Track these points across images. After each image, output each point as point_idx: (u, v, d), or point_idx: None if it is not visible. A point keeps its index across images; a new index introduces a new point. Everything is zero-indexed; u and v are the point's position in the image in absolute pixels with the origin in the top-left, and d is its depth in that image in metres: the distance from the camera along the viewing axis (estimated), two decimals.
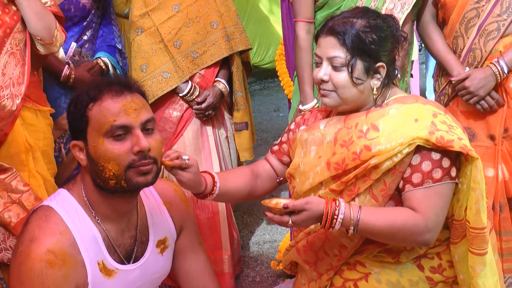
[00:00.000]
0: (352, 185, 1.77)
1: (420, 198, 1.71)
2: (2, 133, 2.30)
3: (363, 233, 1.72)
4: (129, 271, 1.74)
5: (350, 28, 1.77)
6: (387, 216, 1.70)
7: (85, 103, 1.63)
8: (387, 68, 1.81)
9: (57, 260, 1.57)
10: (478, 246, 1.73)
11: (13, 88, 2.31)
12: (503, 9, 2.43)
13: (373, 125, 1.76)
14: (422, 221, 1.69)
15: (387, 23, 1.83)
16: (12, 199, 2.32)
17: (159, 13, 2.92)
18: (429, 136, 1.66)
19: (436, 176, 1.70)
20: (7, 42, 2.30)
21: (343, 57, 1.78)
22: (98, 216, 1.70)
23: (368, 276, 1.87)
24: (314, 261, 1.93)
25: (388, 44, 1.81)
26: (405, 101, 1.81)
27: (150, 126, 1.66)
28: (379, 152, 1.71)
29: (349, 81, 1.79)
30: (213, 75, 3.04)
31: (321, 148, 1.87)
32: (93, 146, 1.62)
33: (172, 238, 1.88)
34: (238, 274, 3.30)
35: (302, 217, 1.65)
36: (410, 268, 1.84)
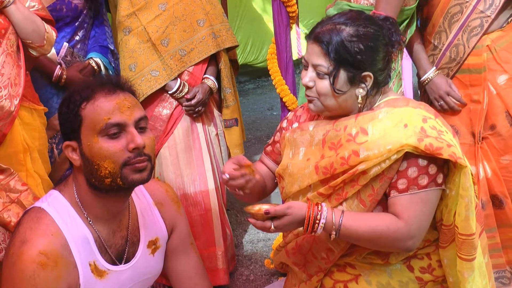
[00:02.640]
0: (340, 190, 1.77)
1: (404, 204, 1.70)
2: (0, 134, 2.31)
3: (345, 238, 1.72)
4: (121, 271, 1.75)
5: (336, 36, 1.73)
6: (369, 222, 1.70)
7: (78, 103, 1.63)
8: (376, 76, 1.77)
9: (49, 262, 1.57)
10: (467, 252, 1.73)
11: (11, 88, 2.32)
12: (487, 5, 2.43)
13: (362, 128, 1.75)
14: (404, 228, 1.69)
15: (380, 30, 1.77)
16: (11, 198, 2.32)
17: (146, 13, 2.93)
18: (418, 143, 1.65)
19: (422, 183, 1.70)
20: (3, 43, 2.30)
21: (326, 67, 1.75)
22: (90, 217, 1.70)
23: (358, 277, 1.87)
24: (303, 263, 1.93)
25: (379, 53, 1.77)
26: (396, 105, 1.79)
27: (143, 124, 1.67)
28: (367, 157, 1.69)
29: (331, 91, 1.76)
30: (201, 72, 3.05)
31: (309, 149, 1.86)
32: (88, 145, 1.62)
33: (163, 238, 1.88)
34: (232, 272, 3.31)
35: (284, 221, 1.65)
36: (400, 269, 1.85)
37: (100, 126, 1.60)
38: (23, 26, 2.34)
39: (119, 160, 1.60)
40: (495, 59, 2.47)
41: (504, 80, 2.47)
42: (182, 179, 3.02)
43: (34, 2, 2.44)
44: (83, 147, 1.63)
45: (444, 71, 2.58)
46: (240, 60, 3.50)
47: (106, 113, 1.61)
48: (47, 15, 2.48)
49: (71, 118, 1.64)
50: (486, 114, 2.50)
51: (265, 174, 2.09)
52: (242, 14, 8.13)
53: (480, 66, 2.49)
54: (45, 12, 2.47)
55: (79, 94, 1.65)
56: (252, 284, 3.23)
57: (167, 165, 3.01)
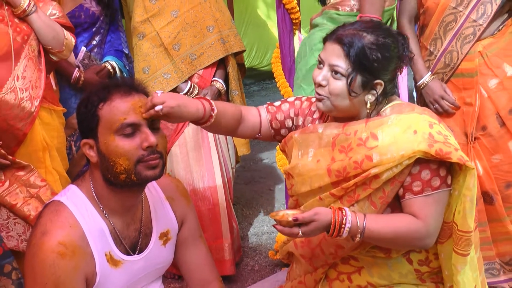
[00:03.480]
0: (352, 192, 1.75)
1: (420, 205, 1.69)
2: (21, 133, 2.32)
3: (368, 239, 1.70)
4: (134, 261, 1.75)
5: (358, 41, 1.70)
6: (391, 223, 1.69)
7: (96, 103, 1.63)
8: (385, 86, 1.76)
9: (68, 252, 1.58)
10: (463, 247, 1.73)
11: (32, 90, 2.33)
12: (479, 15, 2.43)
13: (372, 133, 1.73)
14: (423, 227, 1.68)
15: (396, 43, 1.75)
16: (30, 193, 2.34)
17: (159, 19, 2.94)
18: (429, 149, 1.63)
19: (435, 184, 1.69)
20: (25, 47, 2.31)
21: (344, 68, 1.72)
22: (106, 210, 1.70)
23: (361, 270, 1.87)
24: (310, 257, 1.92)
25: (392, 64, 1.75)
26: (402, 111, 1.76)
27: (156, 125, 1.67)
28: (380, 162, 1.68)
29: (345, 92, 1.73)
30: (210, 75, 3.05)
31: (319, 151, 1.83)
32: (104, 143, 1.62)
33: (174, 230, 1.88)
34: (238, 263, 3.30)
35: (311, 227, 1.62)
36: (400, 261, 1.84)
37: (116, 125, 1.60)
38: (44, 33, 2.35)
39: (133, 157, 1.60)
40: (487, 64, 2.47)
41: (494, 84, 2.47)
42: (191, 175, 3.02)
43: (55, 10, 2.45)
44: (100, 145, 1.63)
45: (439, 76, 2.58)
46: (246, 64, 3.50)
47: (122, 113, 1.61)
48: (67, 22, 2.49)
49: (89, 117, 1.64)
50: (478, 115, 2.50)
51: (251, 123, 1.96)
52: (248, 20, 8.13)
53: (473, 71, 2.49)
54: (65, 19, 2.49)
55: (97, 95, 1.65)
56: (257, 274, 3.23)
57: (177, 162, 3.01)
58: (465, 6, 2.45)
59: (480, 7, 2.43)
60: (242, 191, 4.53)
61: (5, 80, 2.26)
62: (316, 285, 1.97)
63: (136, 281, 1.78)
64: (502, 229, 2.55)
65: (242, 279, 3.19)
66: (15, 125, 2.30)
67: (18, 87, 2.29)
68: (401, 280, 1.86)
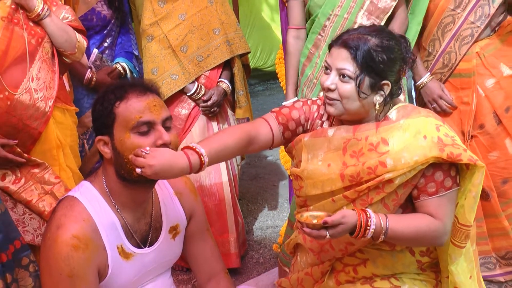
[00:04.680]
0: (365, 195, 1.74)
1: (436, 205, 1.70)
2: (36, 132, 2.32)
3: (390, 239, 1.70)
4: (145, 254, 1.75)
5: (363, 44, 1.70)
6: (412, 223, 1.69)
7: (112, 102, 1.64)
8: (392, 87, 1.75)
9: (81, 245, 1.59)
10: (460, 240, 1.74)
11: (46, 91, 2.33)
12: (477, 17, 2.43)
13: (383, 139, 1.72)
14: (442, 226, 1.69)
15: (399, 45, 1.75)
16: (45, 190, 2.34)
17: (167, 22, 2.94)
18: (440, 153, 1.64)
19: (447, 185, 1.70)
20: (39, 50, 2.31)
21: (352, 71, 1.71)
22: (118, 205, 1.71)
23: (366, 262, 1.87)
24: (319, 252, 1.91)
25: (396, 66, 1.75)
26: (409, 114, 1.76)
27: (168, 124, 1.67)
28: (394, 168, 1.67)
29: (355, 94, 1.72)
30: (216, 76, 3.05)
31: (328, 155, 1.81)
32: (120, 140, 1.62)
33: (182, 225, 1.89)
34: (243, 256, 3.30)
35: (339, 230, 1.62)
36: (403, 253, 1.84)
37: (132, 123, 1.61)
38: (57, 36, 2.35)
39: None
40: (484, 65, 2.47)
41: (492, 84, 2.47)
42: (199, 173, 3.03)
43: (68, 13, 2.45)
44: (115, 141, 1.64)
45: (438, 76, 2.57)
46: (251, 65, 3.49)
47: (138, 112, 1.61)
48: (79, 25, 2.49)
49: (105, 115, 1.65)
50: (475, 114, 2.49)
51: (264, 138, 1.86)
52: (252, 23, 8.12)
53: (470, 71, 2.49)
54: (77, 23, 2.49)
55: (113, 94, 1.65)
56: (261, 267, 3.23)
57: None
58: (463, 8, 2.44)
59: (478, 9, 2.43)
60: (247, 187, 4.54)
61: (20, 81, 2.26)
62: (323, 276, 1.96)
63: (146, 273, 1.79)
64: (498, 225, 2.55)
65: (247, 271, 3.19)
66: (30, 124, 2.30)
67: (33, 88, 2.29)
68: (404, 270, 1.86)
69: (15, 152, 2.27)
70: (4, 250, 2.04)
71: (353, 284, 1.89)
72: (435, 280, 1.87)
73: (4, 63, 2.22)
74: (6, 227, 2.06)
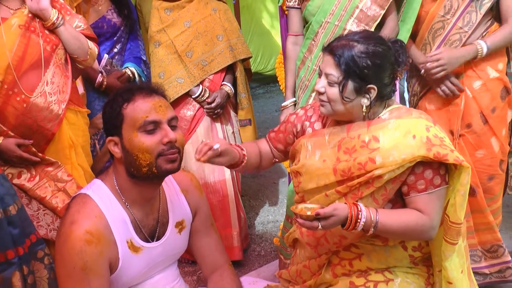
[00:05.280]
0: (356, 190, 1.74)
1: (425, 201, 1.70)
2: (50, 133, 2.33)
3: (380, 232, 1.70)
4: (153, 248, 1.76)
5: (348, 51, 1.70)
6: (400, 218, 1.69)
7: (120, 104, 1.65)
8: (381, 90, 1.74)
9: (94, 239, 1.59)
10: (452, 237, 1.74)
11: (59, 95, 2.34)
12: (465, 22, 2.43)
13: (374, 136, 1.72)
14: (429, 221, 1.69)
15: (388, 50, 1.74)
16: (58, 187, 2.35)
17: (173, 29, 2.95)
18: (427, 153, 1.64)
19: (436, 183, 1.69)
20: (54, 56, 2.32)
21: (336, 76, 1.71)
22: (127, 202, 1.71)
23: (361, 256, 1.87)
24: (315, 245, 1.92)
25: (385, 70, 1.73)
26: (401, 115, 1.76)
27: (174, 123, 1.68)
28: (383, 164, 1.67)
29: (339, 97, 1.73)
30: (220, 79, 3.06)
31: (325, 152, 1.82)
32: (128, 140, 1.63)
33: (188, 220, 1.89)
34: (245, 249, 3.31)
35: (330, 221, 1.62)
36: (396, 248, 1.83)
37: (139, 123, 1.61)
38: (70, 43, 2.36)
39: (154, 152, 1.62)
40: (471, 67, 2.47)
41: (478, 85, 2.46)
42: (203, 170, 3.03)
43: (80, 22, 2.46)
44: (124, 141, 1.64)
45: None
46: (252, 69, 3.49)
47: (144, 112, 1.62)
48: (91, 34, 2.50)
49: (114, 116, 1.65)
50: (463, 114, 2.49)
51: (266, 153, 2.06)
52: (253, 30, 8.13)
53: (459, 74, 2.49)
54: (89, 31, 2.50)
55: (121, 96, 1.66)
56: (263, 259, 3.24)
57: (190, 158, 3.01)
58: (452, 14, 2.44)
59: (466, 15, 2.42)
60: (249, 184, 4.54)
61: (36, 85, 2.27)
62: (320, 269, 1.96)
63: (154, 265, 1.79)
64: (484, 220, 2.55)
65: (249, 263, 3.20)
66: (44, 125, 2.31)
67: (47, 91, 2.30)
68: (397, 264, 1.86)
69: (30, 152, 2.28)
70: (20, 244, 2.05)
71: (349, 277, 1.89)
72: (426, 274, 1.87)
73: (21, 68, 2.24)
74: (22, 222, 2.07)
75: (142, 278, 1.77)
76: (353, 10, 2.43)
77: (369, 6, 2.42)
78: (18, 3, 2.30)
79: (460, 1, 2.43)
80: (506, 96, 2.50)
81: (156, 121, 1.62)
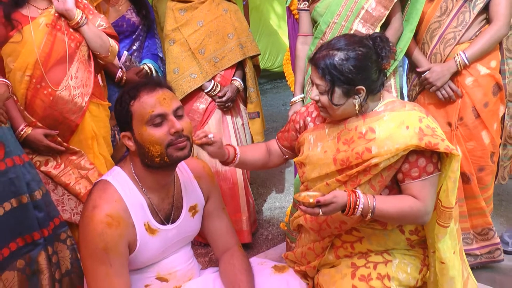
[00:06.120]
0: (355, 178, 1.74)
1: (419, 188, 1.69)
2: (74, 124, 2.34)
3: (377, 217, 1.69)
4: (168, 230, 1.76)
5: (330, 61, 1.67)
6: (396, 204, 1.69)
7: (128, 101, 1.64)
8: (368, 87, 1.71)
9: (114, 222, 1.60)
10: (444, 220, 1.73)
11: (83, 88, 2.35)
12: (459, 22, 2.41)
13: (370, 128, 1.72)
14: (423, 207, 1.68)
15: (369, 49, 1.69)
16: (81, 175, 2.36)
17: (187, 28, 2.93)
18: (419, 142, 1.63)
19: (429, 170, 1.68)
20: (78, 52, 2.33)
21: (324, 86, 1.70)
22: (144, 188, 1.72)
23: (362, 239, 1.87)
24: (318, 230, 1.92)
25: (370, 69, 1.70)
26: (394, 108, 1.75)
27: (180, 113, 1.67)
28: (378, 154, 1.67)
29: (330, 104, 1.72)
30: (230, 75, 3.04)
31: (326, 143, 1.82)
32: (139, 134, 1.63)
33: (201, 204, 1.89)
34: (254, 233, 3.31)
35: (331, 208, 1.62)
36: (394, 232, 1.84)
37: (146, 117, 1.61)
38: (93, 41, 2.37)
39: (164, 142, 1.62)
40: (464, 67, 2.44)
41: (470, 81, 2.45)
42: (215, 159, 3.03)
43: (103, 21, 2.46)
44: (136, 135, 1.64)
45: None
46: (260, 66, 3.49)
47: (150, 107, 1.61)
48: (112, 32, 2.50)
49: (124, 114, 1.66)
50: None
51: (276, 152, 2.08)
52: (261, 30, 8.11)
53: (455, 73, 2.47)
54: (110, 29, 2.50)
55: (128, 94, 1.66)
56: (270, 242, 3.24)
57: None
58: (447, 14, 2.43)
59: (460, 15, 2.41)
60: (257, 173, 4.54)
61: (61, 79, 2.28)
62: (323, 251, 1.96)
63: (169, 246, 1.80)
64: (476, 205, 2.55)
65: (257, 246, 3.20)
66: (69, 117, 2.32)
67: (71, 85, 2.30)
68: (395, 247, 1.86)
69: (56, 141, 2.30)
70: (45, 226, 2.07)
71: (350, 258, 1.89)
72: (422, 255, 1.87)
73: (48, 63, 2.25)
74: (47, 206, 2.09)
75: (158, 257, 1.78)
76: (359, 10, 2.42)
77: (374, 7, 2.40)
78: (45, 3, 2.31)
79: (454, 2, 2.42)
80: (498, 92, 2.48)
81: (162, 114, 1.62)
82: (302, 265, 2.02)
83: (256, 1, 7.96)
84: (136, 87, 1.67)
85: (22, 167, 2.01)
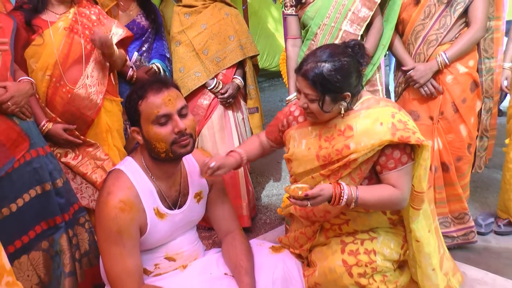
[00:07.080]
0: (336, 172, 1.76)
1: (396, 177, 1.71)
2: (90, 119, 2.34)
3: (360, 206, 1.71)
4: (175, 214, 1.77)
5: (319, 72, 1.65)
6: (377, 193, 1.71)
7: (136, 101, 1.64)
8: (352, 92, 1.72)
9: (126, 207, 1.61)
10: (417, 204, 1.76)
11: (98, 87, 2.34)
12: (441, 25, 2.42)
13: (349, 125, 1.73)
14: (401, 194, 1.70)
15: (351, 59, 1.69)
16: (97, 165, 2.36)
17: (192, 30, 2.92)
18: (393, 137, 1.64)
19: (404, 160, 1.70)
20: (93, 54, 2.33)
21: (314, 95, 1.69)
22: (153, 176, 1.73)
23: (348, 221, 1.89)
24: (306, 217, 1.95)
25: (353, 76, 1.70)
26: (370, 105, 1.75)
27: (184, 112, 1.67)
28: (356, 149, 1.69)
29: (320, 110, 1.72)
30: (232, 73, 3.03)
31: (309, 141, 1.84)
32: (146, 131, 1.63)
33: (205, 191, 1.90)
34: (253, 217, 3.32)
35: (318, 200, 1.64)
36: (377, 214, 1.86)
37: (152, 117, 1.61)
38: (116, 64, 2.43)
39: (168, 140, 1.62)
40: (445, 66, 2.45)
41: (450, 79, 2.45)
42: (217, 150, 3.03)
43: (119, 27, 2.45)
44: (143, 132, 1.65)
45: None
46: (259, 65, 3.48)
47: (156, 107, 1.61)
48: (128, 33, 2.49)
49: (132, 112, 1.66)
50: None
51: (263, 143, 2.11)
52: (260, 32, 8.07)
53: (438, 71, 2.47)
54: (128, 33, 2.49)
55: (136, 94, 1.65)
56: (268, 226, 3.24)
57: (207, 141, 3.02)
58: (431, 18, 2.43)
59: (441, 19, 2.41)
60: (256, 163, 4.52)
61: (78, 78, 2.28)
62: (314, 235, 1.99)
63: (176, 229, 1.81)
64: (454, 192, 2.56)
65: (256, 230, 3.21)
66: (85, 113, 2.32)
67: (87, 84, 2.31)
68: (378, 226, 1.89)
69: (74, 135, 2.30)
70: (66, 211, 2.09)
71: (339, 237, 1.91)
72: (403, 232, 1.90)
73: (66, 64, 2.25)
74: (67, 193, 2.11)
75: (166, 239, 1.79)
76: (347, 12, 2.43)
77: (359, 8, 2.42)
78: (62, 8, 2.31)
79: (437, 6, 2.41)
80: (475, 89, 2.49)
81: (166, 114, 1.62)
82: (295, 249, 2.04)
83: (255, 6, 7.93)
84: (143, 87, 1.66)
85: (45, 158, 2.02)
